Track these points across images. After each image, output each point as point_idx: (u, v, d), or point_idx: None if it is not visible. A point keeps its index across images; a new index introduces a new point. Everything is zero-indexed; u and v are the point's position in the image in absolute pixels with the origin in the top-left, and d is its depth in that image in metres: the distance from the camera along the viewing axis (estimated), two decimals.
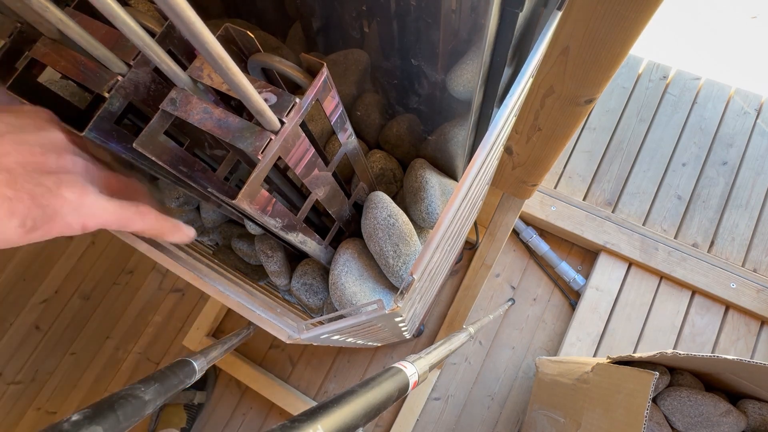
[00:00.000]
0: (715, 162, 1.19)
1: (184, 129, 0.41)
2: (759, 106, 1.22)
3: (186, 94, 0.28)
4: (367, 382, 0.26)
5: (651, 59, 1.29)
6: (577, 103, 0.61)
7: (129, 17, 0.21)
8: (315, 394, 1.12)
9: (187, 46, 0.33)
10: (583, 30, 0.49)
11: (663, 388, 0.69)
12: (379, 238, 0.47)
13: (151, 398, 0.32)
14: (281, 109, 0.27)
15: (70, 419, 0.24)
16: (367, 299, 0.48)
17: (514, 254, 1.19)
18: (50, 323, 1.25)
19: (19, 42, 0.31)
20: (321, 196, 0.40)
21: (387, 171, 0.58)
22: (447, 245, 0.45)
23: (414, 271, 0.32)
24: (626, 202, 1.17)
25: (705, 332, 1.06)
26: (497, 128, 0.34)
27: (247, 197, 0.29)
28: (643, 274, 1.10)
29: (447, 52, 0.36)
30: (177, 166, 0.30)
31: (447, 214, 0.33)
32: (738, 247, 1.12)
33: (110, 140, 0.32)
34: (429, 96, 0.45)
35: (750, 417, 0.65)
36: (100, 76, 0.30)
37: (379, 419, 1.08)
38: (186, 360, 0.44)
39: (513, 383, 1.08)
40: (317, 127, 0.57)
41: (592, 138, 1.23)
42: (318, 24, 0.44)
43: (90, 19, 0.30)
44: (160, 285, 1.26)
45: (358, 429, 0.24)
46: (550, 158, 0.78)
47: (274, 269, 0.56)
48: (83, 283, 1.28)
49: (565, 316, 1.13)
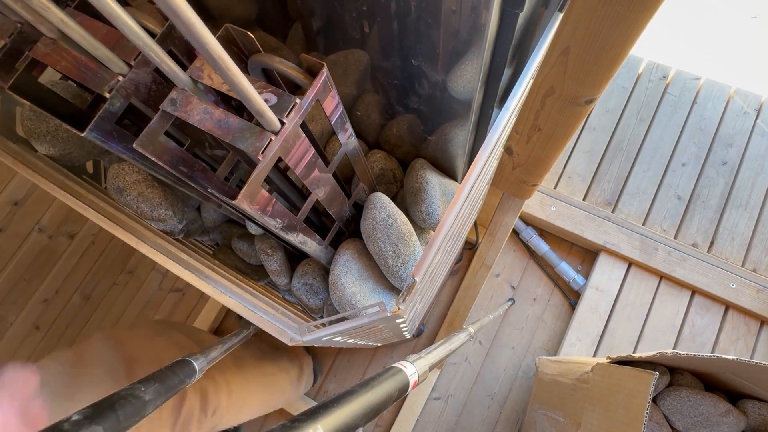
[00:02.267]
0: (715, 162, 1.19)
1: (185, 129, 0.41)
2: (759, 106, 1.22)
3: (186, 94, 0.28)
4: (367, 382, 0.26)
5: (651, 59, 1.29)
6: (578, 104, 0.61)
7: (129, 17, 0.21)
8: (315, 394, 1.12)
9: (187, 47, 0.33)
10: (583, 31, 0.49)
11: (663, 388, 0.69)
12: (378, 239, 0.47)
13: (151, 398, 0.32)
14: (281, 109, 0.27)
15: (70, 419, 0.24)
16: (366, 300, 0.48)
17: (514, 254, 1.19)
18: (50, 323, 1.25)
19: (20, 42, 0.31)
20: (321, 196, 0.40)
21: (387, 171, 0.58)
22: (448, 246, 0.45)
23: (416, 273, 0.32)
24: (626, 202, 1.17)
25: (705, 332, 1.06)
26: (498, 130, 0.34)
27: (247, 197, 0.29)
28: (643, 274, 1.10)
29: (447, 52, 0.36)
30: (177, 167, 0.30)
31: (449, 217, 0.33)
32: (738, 247, 1.12)
33: (111, 140, 0.32)
34: (429, 96, 0.45)
35: (750, 417, 0.65)
36: (100, 76, 0.30)
37: (379, 419, 1.08)
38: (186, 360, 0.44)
39: (513, 383, 1.08)
40: (317, 127, 0.57)
41: (592, 138, 1.23)
42: (318, 24, 0.44)
43: (91, 20, 0.30)
44: (160, 285, 1.26)
45: (358, 429, 0.24)
46: (550, 158, 0.78)
47: (274, 268, 0.56)
48: (83, 283, 1.28)
49: (565, 316, 1.13)
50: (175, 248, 0.46)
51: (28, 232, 1.32)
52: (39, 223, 1.33)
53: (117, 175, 0.44)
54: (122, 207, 0.47)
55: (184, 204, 0.51)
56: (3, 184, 1.37)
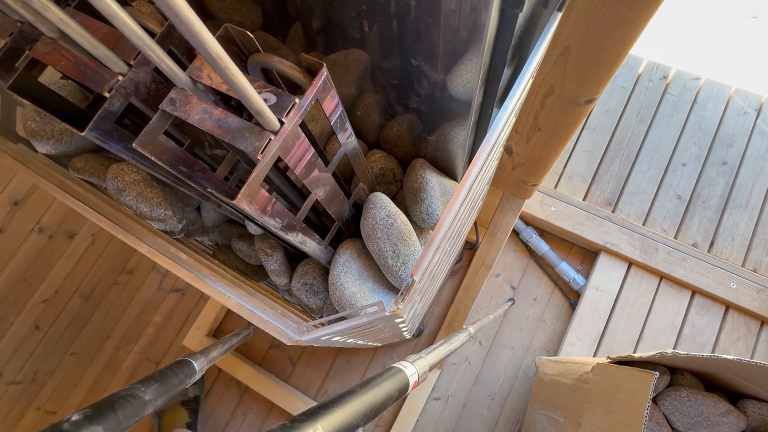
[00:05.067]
0: (715, 162, 1.19)
1: (184, 129, 0.41)
2: (759, 106, 1.22)
3: (186, 94, 0.28)
4: (367, 382, 0.26)
5: (651, 59, 1.29)
6: (577, 104, 0.61)
7: (129, 17, 0.21)
8: (315, 394, 1.12)
9: (187, 46, 0.33)
10: (583, 30, 0.49)
11: (663, 388, 0.69)
12: (378, 239, 0.47)
13: (151, 398, 0.32)
14: (281, 109, 0.27)
15: (70, 419, 0.24)
16: (366, 299, 0.48)
17: (514, 254, 1.19)
18: (50, 323, 1.25)
19: (20, 41, 0.31)
20: (321, 196, 0.40)
21: (387, 171, 0.58)
22: (447, 246, 0.45)
23: (414, 273, 0.32)
24: (626, 202, 1.17)
25: (705, 332, 1.06)
26: (498, 129, 0.34)
27: (247, 197, 0.29)
28: (643, 274, 1.10)
29: (447, 52, 0.36)
30: (177, 166, 0.30)
31: (447, 216, 0.33)
32: (738, 247, 1.12)
33: (110, 140, 0.32)
34: (429, 96, 0.45)
35: (750, 417, 0.65)
36: (100, 75, 0.30)
37: (379, 419, 1.08)
38: (186, 360, 0.44)
39: (513, 383, 1.08)
40: (317, 127, 0.57)
41: (592, 138, 1.23)
42: (318, 24, 0.44)
43: (91, 19, 0.30)
44: (160, 285, 1.26)
45: (358, 429, 0.24)
46: (550, 158, 0.78)
47: (274, 268, 0.56)
48: (83, 283, 1.28)
49: (565, 316, 1.13)
50: (175, 248, 0.46)
51: (28, 232, 1.32)
52: (39, 223, 1.33)
53: (116, 175, 0.44)
54: (122, 207, 0.47)
55: (184, 204, 0.51)
56: (3, 184, 1.37)
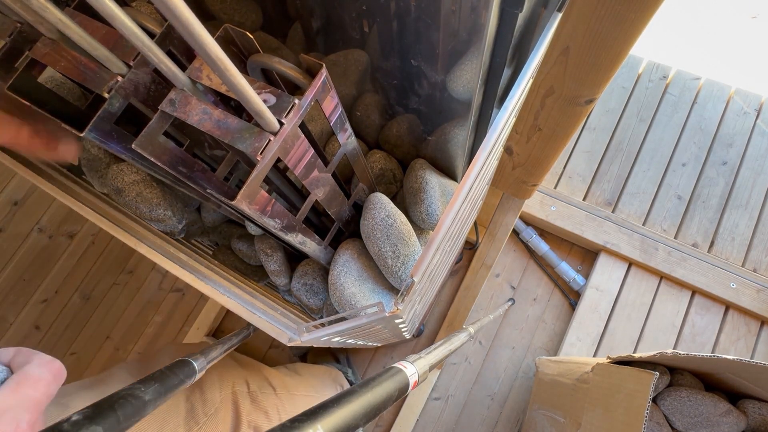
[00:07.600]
0: (715, 162, 1.19)
1: (184, 130, 0.41)
2: (759, 106, 1.22)
3: (185, 94, 0.28)
4: (367, 382, 0.26)
5: (651, 59, 1.28)
6: (578, 104, 0.61)
7: (128, 18, 0.21)
8: None
9: (186, 47, 0.33)
10: (583, 31, 0.49)
11: (663, 388, 0.69)
12: (378, 239, 0.47)
13: (151, 398, 0.32)
14: (280, 109, 0.27)
15: (70, 419, 0.24)
16: (366, 300, 0.48)
17: (514, 254, 1.19)
18: (50, 323, 1.25)
19: (19, 42, 0.31)
20: (320, 196, 0.40)
21: (387, 171, 0.58)
22: (447, 246, 0.45)
23: (414, 273, 0.32)
24: (626, 202, 1.17)
25: (705, 332, 1.06)
26: (497, 129, 0.34)
27: (247, 198, 0.29)
28: (643, 274, 1.10)
29: (447, 52, 0.36)
30: (176, 167, 0.30)
31: (447, 217, 0.33)
32: (738, 247, 1.12)
33: (110, 141, 0.32)
34: (429, 96, 0.45)
35: (750, 417, 0.65)
36: (100, 76, 0.30)
37: (379, 419, 1.08)
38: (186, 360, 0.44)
39: (513, 383, 1.08)
40: (317, 127, 0.57)
41: (592, 138, 1.23)
42: (318, 24, 0.44)
43: (90, 20, 0.30)
44: (160, 285, 1.26)
45: (358, 429, 0.24)
46: (550, 158, 0.78)
47: (273, 268, 0.56)
48: (83, 283, 1.28)
49: (565, 316, 1.13)
50: (175, 249, 0.46)
51: (28, 232, 1.32)
52: (39, 223, 1.33)
53: (116, 175, 0.44)
54: (122, 207, 0.47)
55: (184, 204, 0.51)
56: (3, 184, 1.37)
